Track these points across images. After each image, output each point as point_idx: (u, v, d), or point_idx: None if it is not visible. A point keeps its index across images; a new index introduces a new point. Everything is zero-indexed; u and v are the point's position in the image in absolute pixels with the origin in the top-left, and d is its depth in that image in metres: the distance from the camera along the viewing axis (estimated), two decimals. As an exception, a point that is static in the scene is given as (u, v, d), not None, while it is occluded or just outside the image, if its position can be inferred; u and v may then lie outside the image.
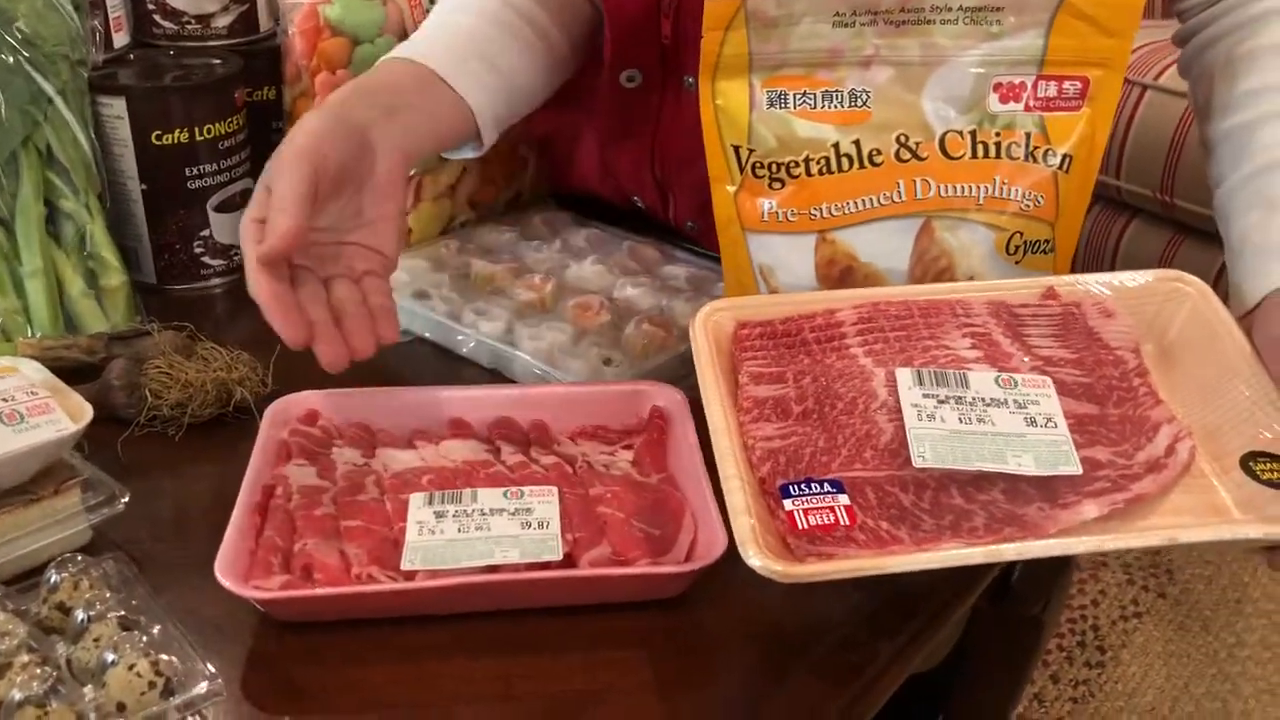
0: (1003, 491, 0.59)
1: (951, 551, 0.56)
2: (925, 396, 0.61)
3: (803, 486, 0.58)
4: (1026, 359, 0.65)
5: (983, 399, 0.61)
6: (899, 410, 0.61)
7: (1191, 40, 0.79)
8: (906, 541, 0.56)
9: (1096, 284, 0.70)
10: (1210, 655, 1.60)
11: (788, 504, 0.57)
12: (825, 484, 0.59)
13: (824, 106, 0.71)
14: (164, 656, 0.54)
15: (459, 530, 0.63)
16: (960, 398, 0.61)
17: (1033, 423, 0.60)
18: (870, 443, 0.60)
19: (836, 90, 0.71)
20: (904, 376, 0.62)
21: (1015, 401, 0.61)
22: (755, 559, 0.53)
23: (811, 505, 0.57)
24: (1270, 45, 0.73)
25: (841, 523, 0.57)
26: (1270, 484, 0.59)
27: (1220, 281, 0.73)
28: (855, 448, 0.60)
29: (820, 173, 0.71)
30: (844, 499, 0.58)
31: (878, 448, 0.60)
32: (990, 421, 0.60)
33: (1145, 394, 0.64)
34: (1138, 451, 0.61)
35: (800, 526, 0.56)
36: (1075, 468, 0.59)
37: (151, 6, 0.97)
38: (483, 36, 0.82)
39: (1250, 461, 0.60)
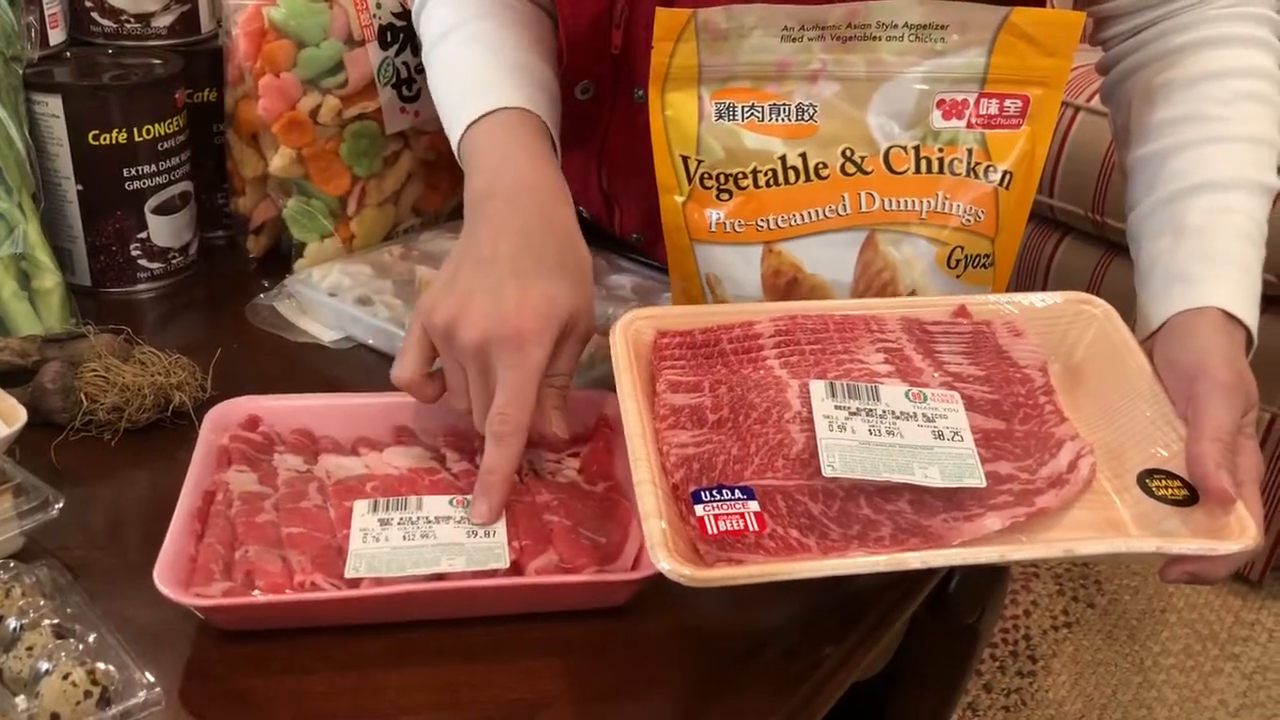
0: (909, 502, 0.60)
1: (856, 559, 0.56)
2: (837, 408, 0.62)
3: (714, 493, 0.59)
4: (937, 374, 0.66)
5: (893, 412, 0.62)
6: (811, 421, 0.62)
7: (1113, 69, 0.81)
8: (815, 550, 0.57)
9: (1007, 303, 0.72)
10: (1137, 664, 1.63)
11: (699, 509, 0.58)
12: (736, 491, 0.59)
13: (771, 119, 0.72)
14: (100, 665, 0.53)
15: (404, 538, 0.62)
16: (871, 410, 0.62)
17: (940, 436, 0.62)
18: (782, 452, 0.61)
19: (784, 104, 0.72)
20: (817, 388, 0.63)
21: (924, 415, 0.63)
22: (665, 562, 0.53)
23: (722, 511, 0.58)
24: (1185, 78, 0.75)
25: (751, 529, 0.57)
26: (1164, 500, 0.61)
27: (1143, 299, 0.75)
28: (767, 457, 0.61)
29: (767, 185, 0.72)
30: (754, 505, 0.58)
31: (789, 457, 0.61)
32: (899, 434, 0.61)
33: (1050, 412, 0.66)
34: (1041, 467, 0.63)
35: (710, 532, 0.57)
36: (979, 481, 0.60)
37: (89, 4, 0.95)
38: (542, 75, 0.81)
39: (1147, 479, 0.62)
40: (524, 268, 0.66)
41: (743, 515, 0.58)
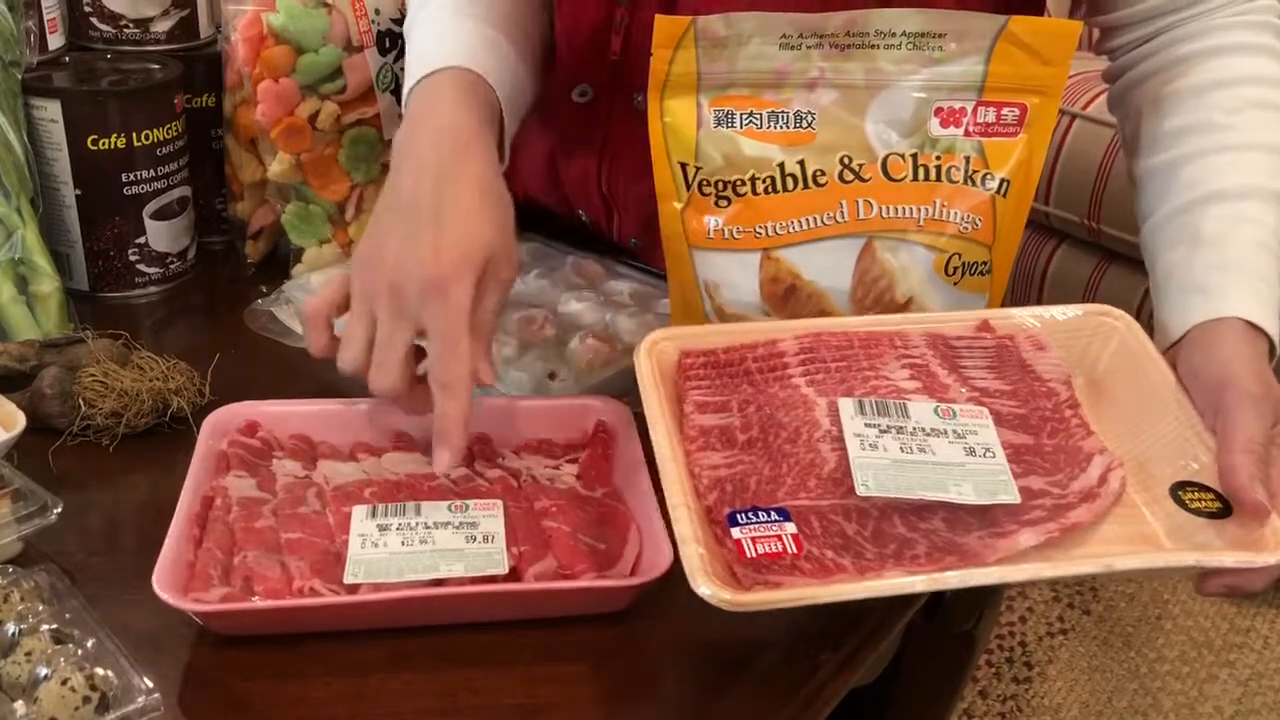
0: (943, 520, 0.60)
1: (896, 580, 0.56)
2: (867, 426, 0.62)
3: (750, 515, 0.59)
4: (964, 390, 0.66)
5: (923, 429, 0.62)
6: (842, 439, 0.62)
7: (1120, 78, 0.82)
8: (850, 570, 0.57)
9: (1029, 317, 0.72)
10: (1132, 671, 1.64)
11: (735, 532, 0.58)
12: (772, 512, 0.59)
13: (770, 127, 0.72)
14: (99, 670, 0.53)
15: (403, 543, 0.62)
16: (901, 428, 0.62)
17: (972, 452, 0.61)
18: (814, 471, 0.61)
19: (782, 111, 0.72)
20: (846, 406, 0.63)
21: (954, 432, 0.63)
22: (705, 588, 0.53)
23: (759, 534, 0.58)
24: (1193, 86, 0.75)
25: (789, 551, 0.57)
26: (1198, 513, 0.61)
27: (1144, 307, 0.75)
28: (800, 476, 0.61)
29: (765, 192, 0.72)
30: (790, 527, 0.58)
31: (822, 476, 0.61)
32: (931, 451, 0.61)
33: (1077, 425, 0.66)
34: (1072, 481, 0.62)
35: (748, 555, 0.57)
36: (1014, 497, 0.60)
37: (88, 9, 0.95)
38: (506, 51, 0.80)
39: (1179, 491, 0.62)
40: (442, 211, 0.65)
41: (780, 537, 0.58)
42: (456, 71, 0.75)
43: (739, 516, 0.58)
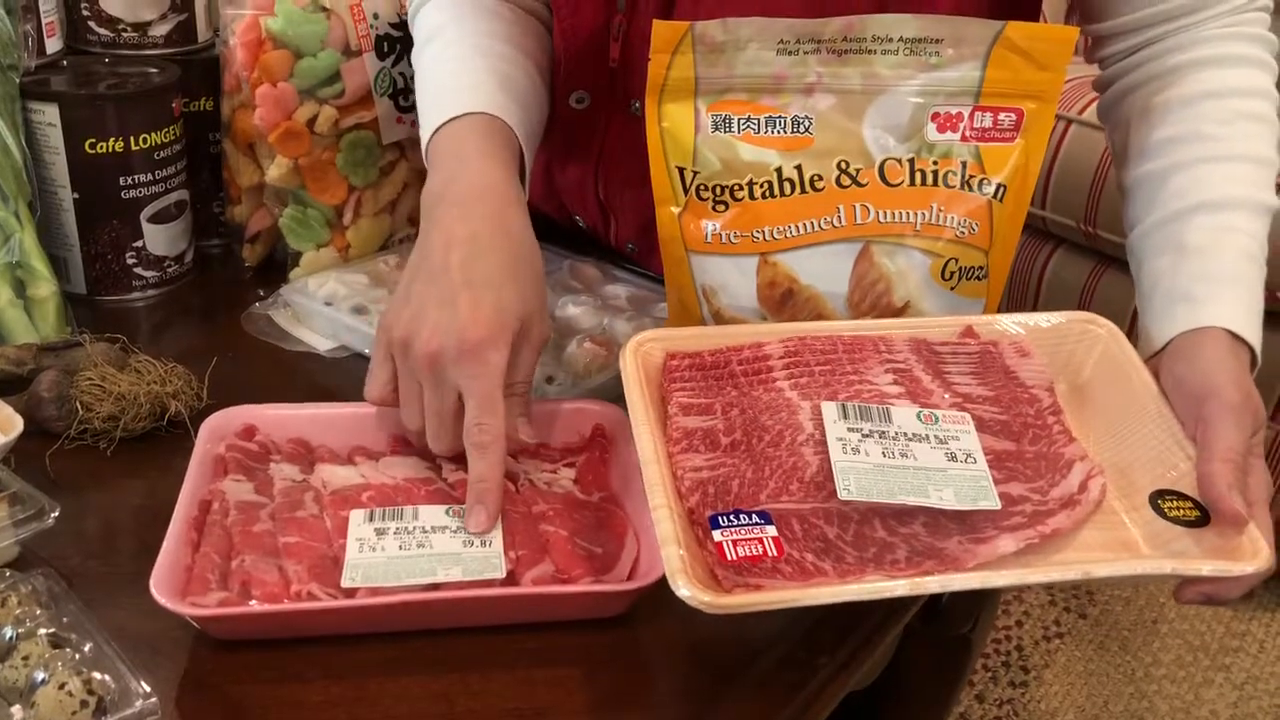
0: (924, 525, 0.60)
1: (876, 584, 0.57)
2: (850, 430, 0.62)
3: (731, 518, 0.59)
4: (946, 395, 0.66)
5: (905, 434, 0.62)
6: (824, 443, 0.62)
7: (1110, 87, 0.82)
8: (830, 573, 0.57)
9: (1013, 324, 0.72)
10: (1128, 674, 1.64)
11: (716, 535, 0.58)
12: (753, 515, 0.59)
13: (767, 131, 0.72)
14: (96, 675, 0.53)
15: (400, 547, 0.62)
16: (884, 432, 0.62)
17: (953, 458, 0.62)
18: (796, 475, 0.61)
19: (780, 116, 0.72)
20: (829, 410, 0.63)
21: (936, 437, 0.63)
22: (684, 589, 0.53)
23: (740, 536, 0.58)
24: (1183, 97, 0.76)
25: (769, 554, 0.57)
26: (1177, 521, 0.61)
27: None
28: (782, 480, 0.61)
29: (763, 196, 0.72)
30: (771, 530, 0.58)
31: (804, 480, 0.61)
32: (912, 456, 0.61)
33: (1059, 432, 0.66)
34: (1052, 488, 0.63)
35: (729, 557, 0.57)
36: (994, 503, 0.60)
37: (86, 13, 0.95)
38: (521, 84, 0.81)
39: (1158, 499, 0.62)
40: (475, 277, 0.66)
41: (761, 540, 0.58)
42: (478, 119, 0.75)
43: (720, 519, 0.59)
